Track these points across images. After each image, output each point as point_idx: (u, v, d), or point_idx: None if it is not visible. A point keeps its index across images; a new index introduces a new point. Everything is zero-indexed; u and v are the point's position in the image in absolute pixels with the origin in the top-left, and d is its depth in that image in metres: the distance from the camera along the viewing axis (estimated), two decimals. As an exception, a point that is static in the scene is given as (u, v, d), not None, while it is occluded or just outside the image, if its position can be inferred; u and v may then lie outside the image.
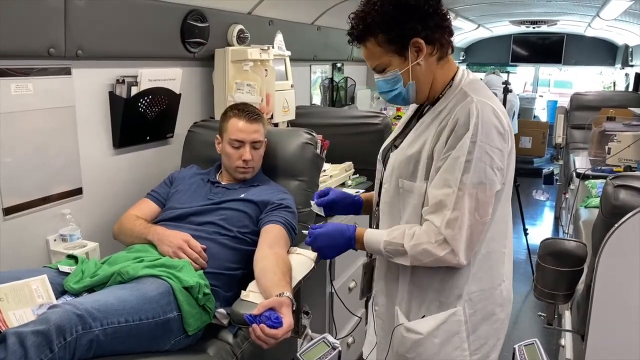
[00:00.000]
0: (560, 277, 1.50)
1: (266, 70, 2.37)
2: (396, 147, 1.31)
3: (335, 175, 2.42)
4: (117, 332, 1.23)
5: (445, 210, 1.14)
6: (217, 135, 1.90)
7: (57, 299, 1.36)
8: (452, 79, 1.25)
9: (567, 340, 2.02)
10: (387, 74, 1.21)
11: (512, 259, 1.35)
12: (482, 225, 1.16)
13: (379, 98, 4.32)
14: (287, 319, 1.32)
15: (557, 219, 4.80)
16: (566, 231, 3.30)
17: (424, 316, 1.27)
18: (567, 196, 3.82)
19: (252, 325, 1.28)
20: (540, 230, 4.81)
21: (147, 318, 1.31)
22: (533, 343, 1.44)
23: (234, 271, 1.67)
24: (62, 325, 1.14)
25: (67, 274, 1.49)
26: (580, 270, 1.50)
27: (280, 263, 1.53)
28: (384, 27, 1.15)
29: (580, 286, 1.64)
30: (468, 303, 1.25)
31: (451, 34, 1.23)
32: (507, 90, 4.13)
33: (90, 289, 1.43)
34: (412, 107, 1.40)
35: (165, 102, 2.10)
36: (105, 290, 1.37)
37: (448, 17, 1.21)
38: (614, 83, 7.08)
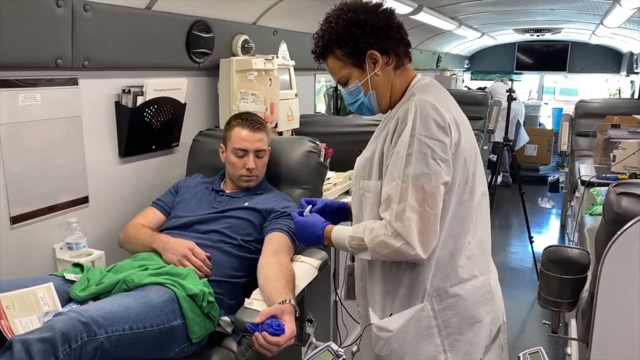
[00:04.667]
0: (563, 285, 1.49)
1: (270, 79, 2.39)
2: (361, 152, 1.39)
3: (339, 184, 2.42)
4: (121, 340, 1.24)
5: (392, 203, 1.18)
6: (221, 145, 1.91)
7: (63, 306, 1.38)
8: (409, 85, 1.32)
9: (573, 349, 1.99)
10: (349, 86, 1.31)
11: (487, 254, 1.34)
12: (435, 217, 1.17)
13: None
14: (290, 326, 1.33)
15: (563, 227, 4.78)
16: (572, 239, 3.29)
17: (391, 314, 1.28)
18: (572, 204, 3.80)
19: (255, 333, 1.29)
20: (546, 238, 4.78)
21: (151, 326, 1.32)
22: (538, 351, 1.44)
23: (238, 279, 1.68)
24: (67, 332, 1.15)
25: (73, 282, 1.50)
26: (583, 278, 1.49)
27: (284, 271, 1.54)
28: (340, 43, 1.26)
29: (585, 294, 1.63)
30: (436, 298, 1.24)
31: (407, 44, 1.30)
32: (511, 98, 4.13)
33: (96, 297, 1.45)
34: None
35: (170, 111, 2.12)
36: (110, 298, 1.39)
37: (402, 28, 1.29)
38: (620, 90, 7.06)
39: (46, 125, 1.70)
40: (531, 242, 3.83)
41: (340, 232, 1.32)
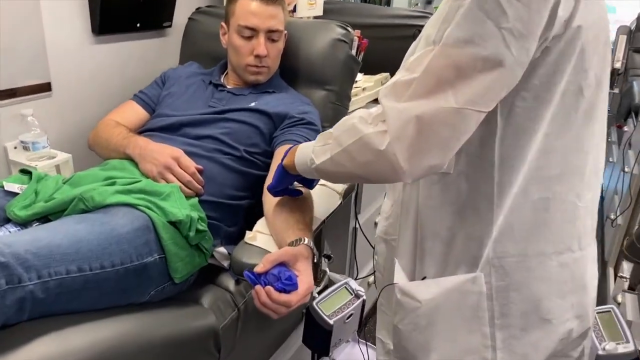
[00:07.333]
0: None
1: (290, -55, 1.87)
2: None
3: (369, 89, 1.99)
4: (64, 286, 0.87)
5: (403, 71, 0.75)
6: (222, 23, 1.48)
7: (-5, 229, 1.01)
8: None
9: (627, 299, 1.86)
10: None
11: (593, 221, 0.86)
12: (457, 117, 0.70)
13: (417, 4, 3.93)
14: (305, 279, 0.94)
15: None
16: (625, 169, 2.88)
17: (424, 277, 0.89)
18: (625, 129, 3.37)
19: (255, 287, 0.92)
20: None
21: (112, 265, 0.95)
22: (610, 310, 1.18)
23: (239, 200, 1.33)
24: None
25: (15, 194, 1.12)
26: None
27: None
28: None
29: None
30: (497, 270, 0.82)
31: None
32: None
33: (45, 218, 1.08)
34: None
35: (159, -22, 1.66)
36: (57, 223, 1.00)
37: None
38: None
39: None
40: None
41: (306, 145, 0.96)
